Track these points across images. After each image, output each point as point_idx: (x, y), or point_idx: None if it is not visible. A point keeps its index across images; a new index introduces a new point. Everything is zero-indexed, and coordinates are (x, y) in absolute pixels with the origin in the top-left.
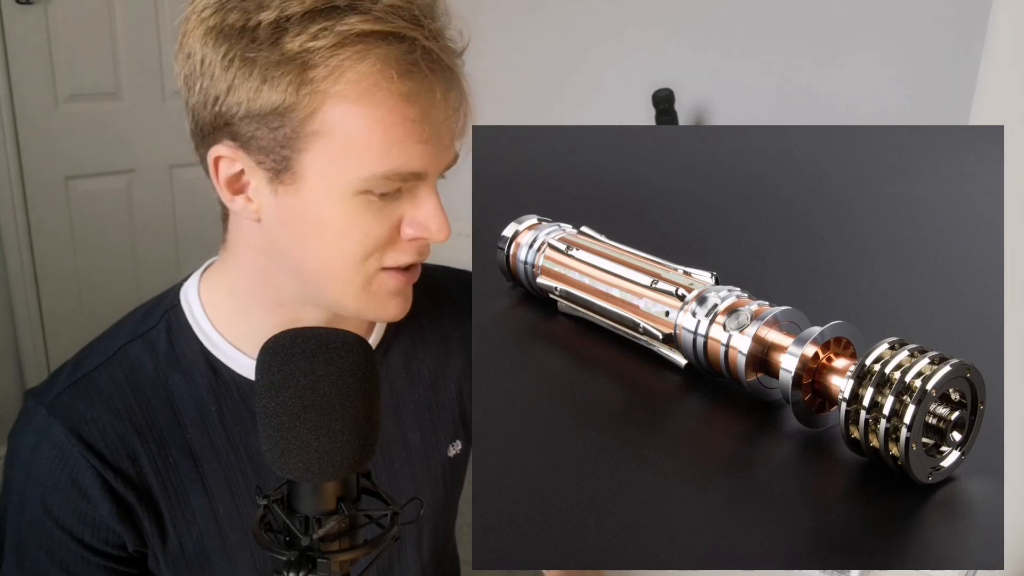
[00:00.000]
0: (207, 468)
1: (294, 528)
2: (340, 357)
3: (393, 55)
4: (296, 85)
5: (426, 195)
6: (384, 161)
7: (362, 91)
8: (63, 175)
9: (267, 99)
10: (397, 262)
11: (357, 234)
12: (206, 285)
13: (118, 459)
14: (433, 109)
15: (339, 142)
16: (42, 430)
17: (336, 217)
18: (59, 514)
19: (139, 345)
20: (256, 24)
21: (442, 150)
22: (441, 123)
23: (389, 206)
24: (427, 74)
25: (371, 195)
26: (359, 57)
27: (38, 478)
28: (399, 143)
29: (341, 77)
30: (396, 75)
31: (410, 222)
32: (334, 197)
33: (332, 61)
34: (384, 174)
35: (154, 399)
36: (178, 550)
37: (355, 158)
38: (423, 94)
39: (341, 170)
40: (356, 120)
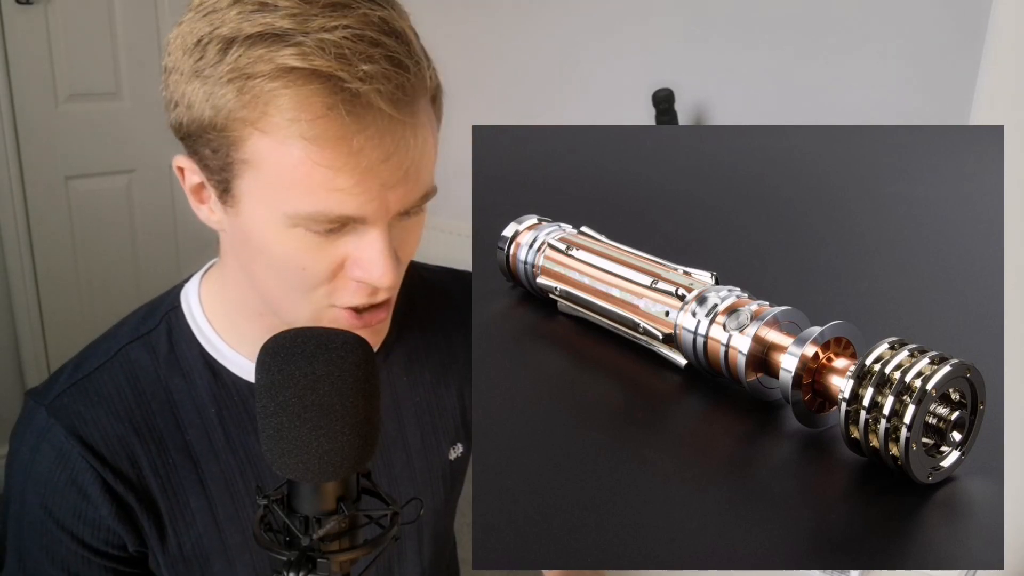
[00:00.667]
0: (207, 470)
1: (294, 528)
2: (340, 357)
3: (310, 95)
4: (228, 111)
5: (370, 238)
6: (306, 201)
7: (277, 129)
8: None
9: (205, 117)
10: (346, 303)
11: (295, 267)
12: (206, 287)
13: (118, 460)
14: (352, 156)
15: (266, 175)
16: (42, 431)
17: (274, 246)
18: (59, 515)
19: (140, 346)
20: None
21: (379, 197)
22: (366, 171)
23: (332, 243)
24: (344, 118)
25: (306, 229)
26: (279, 93)
27: (38, 479)
28: (318, 187)
29: (263, 111)
30: (308, 117)
31: (354, 263)
32: (270, 227)
33: (258, 93)
34: (310, 215)
35: (154, 401)
36: (177, 551)
37: (281, 193)
38: (338, 140)
39: (271, 202)
40: (277, 157)
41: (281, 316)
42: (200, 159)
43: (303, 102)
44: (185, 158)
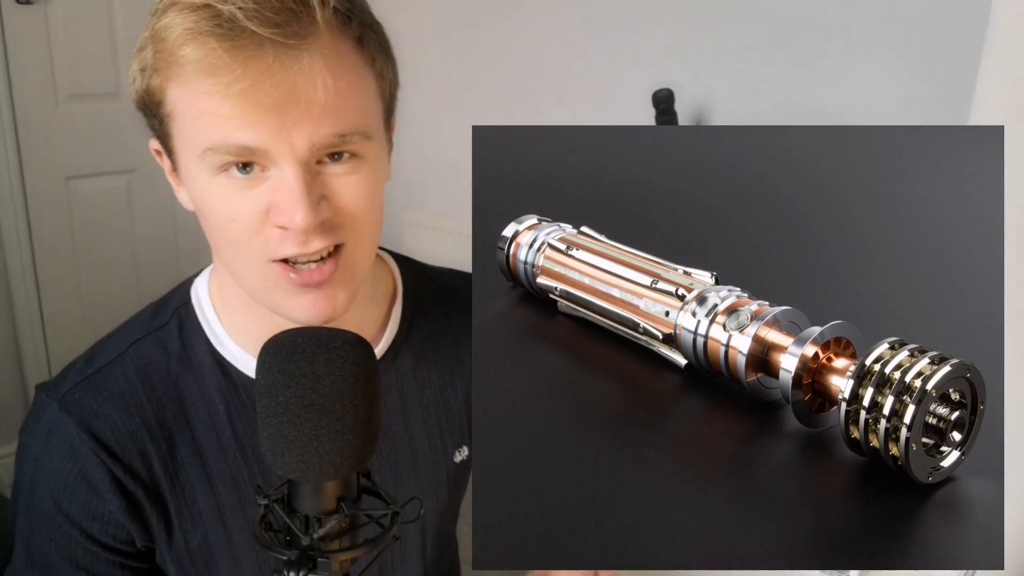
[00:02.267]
0: (214, 467)
1: (294, 528)
2: (340, 357)
3: (188, 25)
4: (151, 70)
5: (284, 176)
6: (207, 135)
7: (178, 68)
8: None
9: (142, 87)
10: (277, 254)
11: (226, 219)
12: (215, 281)
13: (128, 455)
14: (229, 81)
15: (181, 120)
16: (53, 425)
17: (205, 200)
18: (69, 509)
19: (151, 342)
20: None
21: (278, 126)
22: (247, 95)
23: (253, 189)
24: (212, 43)
25: (228, 176)
26: (174, 33)
27: (48, 473)
28: (210, 116)
29: (169, 58)
30: (180, 46)
31: (273, 207)
32: (200, 179)
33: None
34: (213, 148)
35: (165, 397)
36: (183, 548)
37: (193, 134)
38: (215, 66)
39: (190, 149)
40: (179, 95)
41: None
42: (155, 134)
43: (186, 34)
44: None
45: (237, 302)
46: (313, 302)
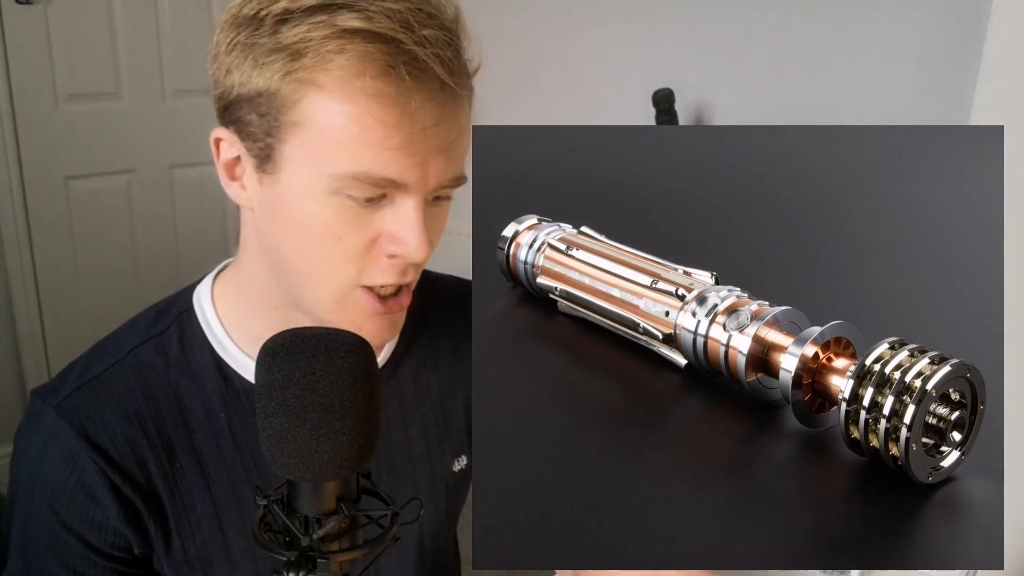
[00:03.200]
0: (214, 475)
1: (294, 528)
2: (340, 357)
3: (373, 53)
4: (283, 72)
5: (408, 209)
6: (354, 161)
7: (338, 84)
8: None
9: (256, 83)
10: (375, 281)
11: (330, 238)
12: (220, 287)
13: (126, 462)
14: (408, 117)
15: (315, 135)
16: (50, 432)
17: (311, 216)
18: (66, 516)
19: (151, 348)
20: (266, 14)
21: (423, 163)
22: (418, 134)
23: (369, 216)
24: (404, 79)
25: (348, 199)
26: (340, 50)
27: (46, 480)
28: (370, 145)
29: (322, 68)
30: (371, 74)
31: (388, 236)
32: (310, 194)
33: (318, 52)
34: (354, 174)
35: (164, 403)
36: (181, 555)
37: (329, 154)
38: (397, 98)
39: (317, 165)
40: (330, 114)
41: (303, 299)
42: (242, 127)
43: (366, 59)
44: (223, 129)
45: (245, 303)
46: (385, 326)
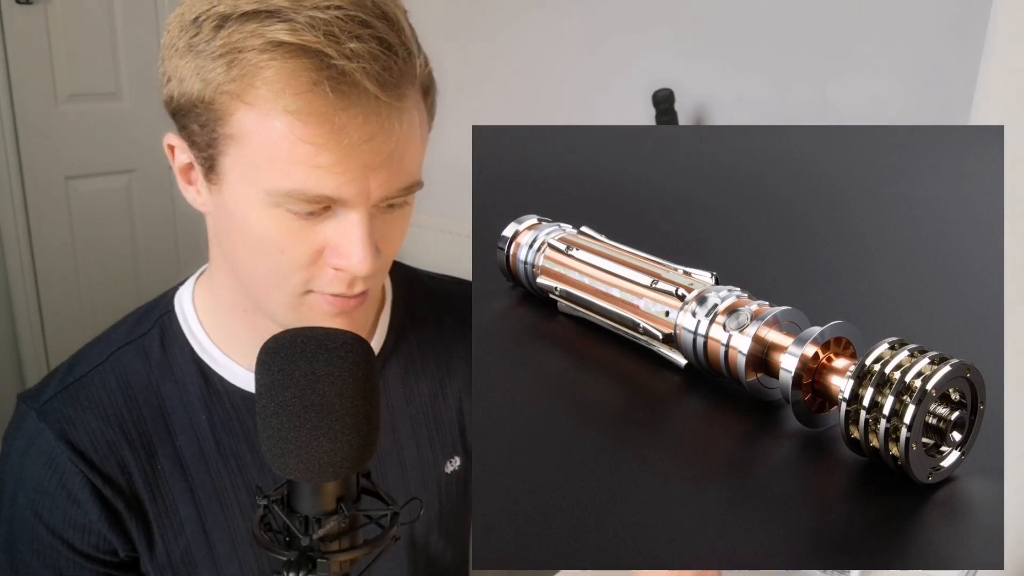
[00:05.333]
0: (196, 478)
1: (294, 528)
2: (340, 357)
3: (296, 70)
4: (216, 84)
5: (350, 223)
6: (286, 178)
7: (263, 102)
8: (63, 175)
9: (195, 91)
10: (324, 290)
11: (273, 250)
12: (200, 290)
13: (107, 466)
14: (335, 134)
15: (249, 150)
16: (32, 435)
17: (254, 227)
18: (49, 519)
19: (132, 351)
20: (205, 19)
21: (360, 178)
22: (349, 150)
23: (312, 228)
24: (328, 95)
25: (289, 212)
26: (265, 65)
27: (29, 483)
28: (299, 162)
29: (248, 84)
30: (293, 91)
31: (332, 249)
32: (251, 206)
33: (244, 67)
34: (289, 191)
35: (145, 406)
36: (165, 559)
37: (263, 169)
38: (322, 116)
39: (253, 180)
40: (261, 131)
41: (261, 304)
42: (188, 135)
43: (289, 76)
44: (175, 136)
45: (232, 312)
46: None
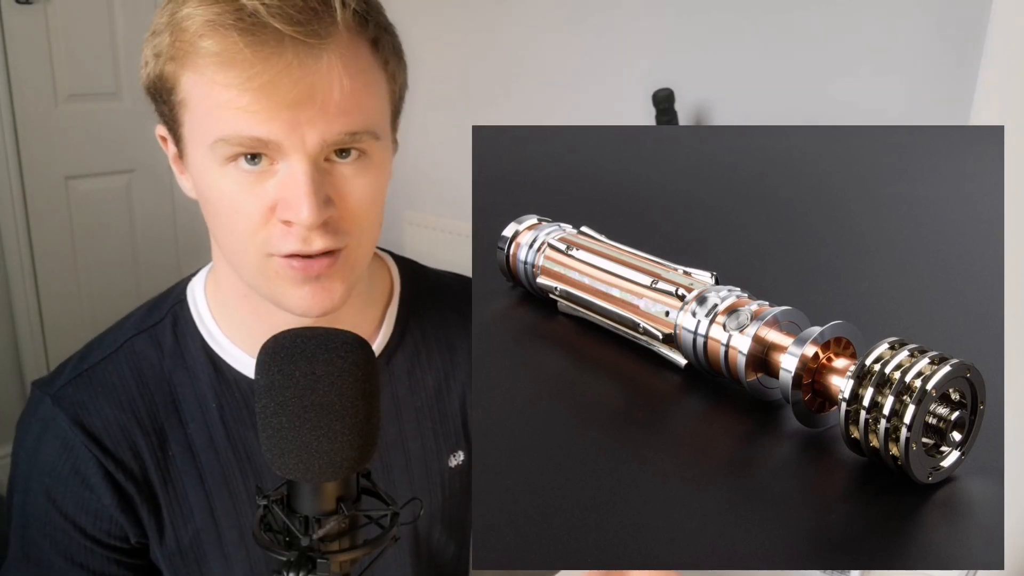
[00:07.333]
0: (206, 465)
1: (294, 528)
2: (340, 357)
3: (210, 18)
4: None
5: (292, 172)
6: (218, 126)
7: (187, 55)
8: (63, 175)
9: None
10: (280, 250)
11: (231, 211)
12: (212, 279)
13: (120, 451)
14: (249, 74)
15: (194, 110)
16: (47, 420)
17: (212, 190)
18: (63, 503)
19: (145, 339)
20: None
21: (290, 121)
22: (264, 91)
23: (263, 184)
24: (234, 37)
25: (237, 165)
26: (191, 21)
27: (42, 467)
28: (224, 107)
29: (185, 47)
30: (200, 37)
31: (281, 203)
32: (208, 169)
33: (179, 30)
34: (222, 138)
35: (157, 393)
36: (175, 546)
37: (203, 124)
38: (234, 59)
39: (201, 138)
40: (198, 88)
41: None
42: (163, 118)
43: (207, 25)
44: (160, 125)
45: (234, 299)
46: (312, 293)
